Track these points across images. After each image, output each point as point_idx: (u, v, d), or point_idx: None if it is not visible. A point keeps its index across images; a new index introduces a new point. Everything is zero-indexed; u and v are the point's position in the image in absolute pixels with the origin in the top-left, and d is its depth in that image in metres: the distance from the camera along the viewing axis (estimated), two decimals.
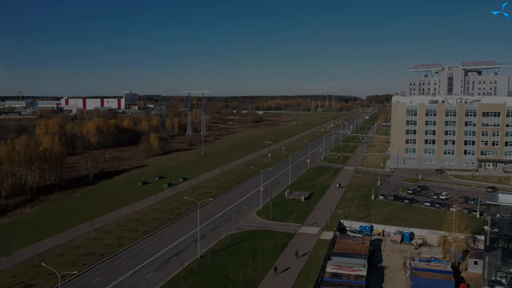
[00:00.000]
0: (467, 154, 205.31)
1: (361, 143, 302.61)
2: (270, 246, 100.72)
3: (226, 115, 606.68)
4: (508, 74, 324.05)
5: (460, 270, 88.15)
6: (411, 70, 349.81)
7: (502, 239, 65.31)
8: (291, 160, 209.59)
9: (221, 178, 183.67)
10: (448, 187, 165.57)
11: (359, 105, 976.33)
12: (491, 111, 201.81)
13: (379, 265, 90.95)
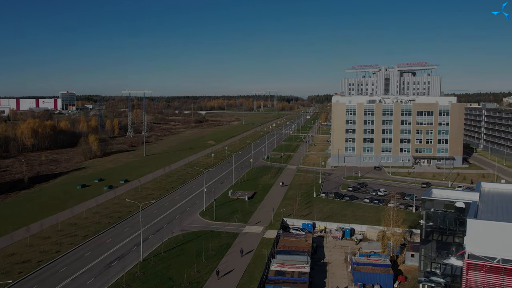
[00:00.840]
0: (403, 151, 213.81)
1: (303, 142, 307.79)
2: (214, 246, 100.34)
3: (168, 116, 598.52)
4: (440, 75, 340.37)
5: (398, 263, 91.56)
6: (350, 71, 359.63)
7: (436, 232, 68.40)
8: (234, 160, 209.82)
9: (164, 179, 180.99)
10: (386, 184, 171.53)
11: (300, 105, 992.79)
12: (425, 110, 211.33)
13: (321, 261, 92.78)
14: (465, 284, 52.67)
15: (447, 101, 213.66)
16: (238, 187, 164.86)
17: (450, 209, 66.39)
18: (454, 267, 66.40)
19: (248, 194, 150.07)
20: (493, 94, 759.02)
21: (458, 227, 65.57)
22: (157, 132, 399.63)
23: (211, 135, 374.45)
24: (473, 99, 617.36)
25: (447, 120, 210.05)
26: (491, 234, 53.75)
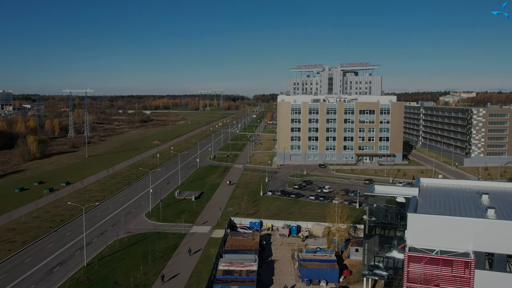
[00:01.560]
0: (347, 149, 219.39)
1: (249, 141, 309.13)
2: (161, 248, 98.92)
3: (112, 115, 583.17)
4: (381, 75, 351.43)
5: (343, 258, 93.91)
6: (294, 71, 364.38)
7: (379, 226, 70.70)
8: (180, 160, 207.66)
9: (108, 181, 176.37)
10: (330, 181, 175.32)
11: (246, 104, 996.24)
12: (367, 109, 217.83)
13: (269, 259, 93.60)
14: (407, 276, 54.76)
15: (388, 100, 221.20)
16: (185, 187, 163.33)
17: (391, 204, 68.78)
18: (396, 260, 68.86)
19: (195, 194, 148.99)
20: (431, 93, 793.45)
21: (399, 221, 68.03)
22: (100, 132, 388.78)
23: (157, 135, 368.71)
24: (412, 98, 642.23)
25: (388, 118, 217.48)
26: (429, 227, 56.18)
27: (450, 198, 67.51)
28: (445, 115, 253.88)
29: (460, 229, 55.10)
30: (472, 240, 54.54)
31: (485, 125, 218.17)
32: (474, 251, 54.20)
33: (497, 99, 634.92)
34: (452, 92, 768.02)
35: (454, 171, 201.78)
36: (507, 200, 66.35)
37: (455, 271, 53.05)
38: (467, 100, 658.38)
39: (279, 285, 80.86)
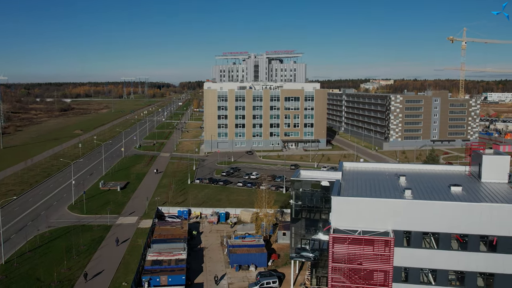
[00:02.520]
0: (273, 136, 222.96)
1: (176, 129, 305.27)
2: (86, 241, 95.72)
3: (28, 104, 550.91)
4: (305, 63, 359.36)
5: (271, 242, 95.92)
6: (220, 58, 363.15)
7: (305, 210, 72.79)
8: (104, 150, 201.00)
9: (26, 173, 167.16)
10: (257, 167, 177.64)
11: (172, 92, 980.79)
12: (292, 96, 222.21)
13: (198, 247, 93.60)
14: (332, 256, 56.95)
15: (312, 87, 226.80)
16: (110, 177, 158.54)
17: (316, 188, 70.95)
18: (321, 242, 71.35)
19: (120, 184, 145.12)
20: (352, 80, 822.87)
21: (324, 205, 70.41)
22: (16, 122, 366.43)
23: (78, 124, 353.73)
24: (334, 85, 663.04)
25: (312, 105, 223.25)
26: (352, 209, 58.68)
27: (371, 181, 70.78)
28: (366, 102, 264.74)
29: (380, 210, 58.03)
30: (391, 220, 57.64)
31: (402, 111, 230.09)
32: (393, 230, 57.34)
33: (413, 86, 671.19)
34: (372, 79, 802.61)
35: (374, 155, 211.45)
36: (422, 181, 70.65)
37: (377, 250, 55.87)
38: (386, 87, 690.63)
39: (209, 272, 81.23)
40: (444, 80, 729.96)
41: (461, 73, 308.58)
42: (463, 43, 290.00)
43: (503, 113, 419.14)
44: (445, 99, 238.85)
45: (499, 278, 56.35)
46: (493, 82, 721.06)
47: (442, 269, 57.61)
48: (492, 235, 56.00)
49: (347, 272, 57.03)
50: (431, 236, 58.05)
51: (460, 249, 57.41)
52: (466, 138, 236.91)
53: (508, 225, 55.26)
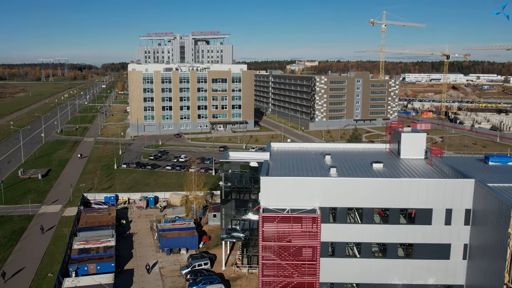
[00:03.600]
0: (201, 118, 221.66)
1: (99, 113, 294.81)
2: (6, 233, 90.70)
3: None
4: (232, 44, 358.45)
5: (202, 224, 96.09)
6: (144, 38, 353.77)
7: (234, 191, 73.46)
8: (22, 136, 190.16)
9: None
10: (186, 150, 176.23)
11: (94, 74, 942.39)
12: (219, 77, 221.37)
13: (127, 233, 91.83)
14: (262, 235, 58.10)
15: (239, 69, 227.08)
16: (29, 165, 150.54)
17: (245, 169, 71.71)
18: (251, 222, 72.51)
19: (41, 171, 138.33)
20: (278, 62, 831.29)
21: (254, 185, 71.39)
22: None
23: None
24: (261, 67, 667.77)
25: (240, 86, 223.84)
26: (281, 188, 60.00)
27: (298, 160, 72.58)
28: (292, 83, 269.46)
29: (307, 188, 59.78)
30: (318, 197, 59.61)
31: (326, 92, 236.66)
32: (320, 207, 59.38)
33: (336, 67, 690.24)
34: (297, 61, 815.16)
35: (301, 135, 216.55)
36: (346, 159, 73.48)
37: (305, 227, 57.68)
38: (311, 69, 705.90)
39: (139, 257, 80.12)
40: (365, 61, 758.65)
41: (381, 55, 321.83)
42: (383, 26, 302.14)
43: (420, 93, 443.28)
44: (366, 80, 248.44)
45: (417, 248, 60.25)
46: (410, 64, 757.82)
47: (366, 242, 60.61)
48: (410, 208, 59.55)
49: (276, 250, 58.48)
50: (355, 211, 60.74)
51: (382, 222, 60.61)
52: (386, 117, 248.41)
53: (425, 198, 58.96)
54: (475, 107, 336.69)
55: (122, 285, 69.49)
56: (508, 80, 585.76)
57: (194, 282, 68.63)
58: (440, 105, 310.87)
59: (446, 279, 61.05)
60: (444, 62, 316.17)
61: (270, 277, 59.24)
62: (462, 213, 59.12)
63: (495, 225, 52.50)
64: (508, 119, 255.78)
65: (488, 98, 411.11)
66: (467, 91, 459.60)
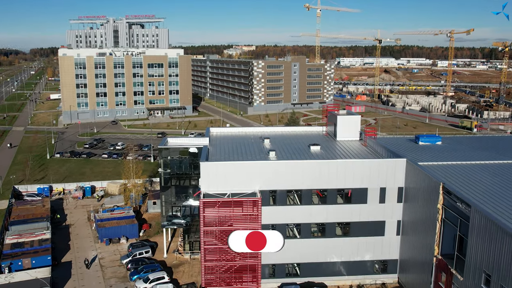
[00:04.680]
0: (138, 104, 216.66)
1: (29, 101, 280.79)
2: None
3: None
4: (168, 28, 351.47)
5: (141, 212, 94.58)
6: (75, 22, 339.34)
7: (174, 178, 72.75)
8: None
9: None
10: (123, 137, 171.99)
11: (22, 59, 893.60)
12: (155, 62, 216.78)
13: (63, 224, 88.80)
14: (203, 221, 58.12)
15: (175, 53, 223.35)
16: None
17: (185, 155, 71.13)
18: (192, 208, 72.25)
19: None
20: (216, 46, 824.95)
21: (193, 171, 71.01)
22: None
23: None
24: (198, 51, 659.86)
25: (177, 71, 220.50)
26: (221, 173, 60.12)
27: (237, 145, 72.92)
28: (229, 68, 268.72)
29: (247, 172, 60.28)
30: (258, 181, 60.30)
31: (264, 76, 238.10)
32: (260, 190, 60.14)
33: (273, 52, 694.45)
34: (234, 45, 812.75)
35: (239, 119, 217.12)
36: (285, 143, 74.66)
37: (245, 210, 58.27)
38: (248, 53, 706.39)
39: (77, 249, 77.84)
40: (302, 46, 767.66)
41: (316, 39, 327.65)
42: (318, 11, 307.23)
43: (354, 76, 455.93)
44: (303, 64, 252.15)
45: (354, 226, 62.60)
46: (345, 48, 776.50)
47: (306, 223, 62.21)
48: (347, 188, 61.60)
49: (218, 234, 58.78)
50: (295, 193, 62.04)
51: (321, 203, 62.33)
52: (322, 100, 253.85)
53: (360, 178, 61.15)
54: (406, 90, 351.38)
55: (60, 279, 67.33)
56: (436, 63, 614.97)
57: (136, 271, 67.70)
58: (373, 88, 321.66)
59: (381, 254, 63.99)
60: (376, 47, 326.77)
61: (212, 262, 59.59)
62: (395, 192, 61.94)
63: (426, 201, 55.41)
64: (436, 101, 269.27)
65: (417, 81, 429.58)
66: (398, 75, 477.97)
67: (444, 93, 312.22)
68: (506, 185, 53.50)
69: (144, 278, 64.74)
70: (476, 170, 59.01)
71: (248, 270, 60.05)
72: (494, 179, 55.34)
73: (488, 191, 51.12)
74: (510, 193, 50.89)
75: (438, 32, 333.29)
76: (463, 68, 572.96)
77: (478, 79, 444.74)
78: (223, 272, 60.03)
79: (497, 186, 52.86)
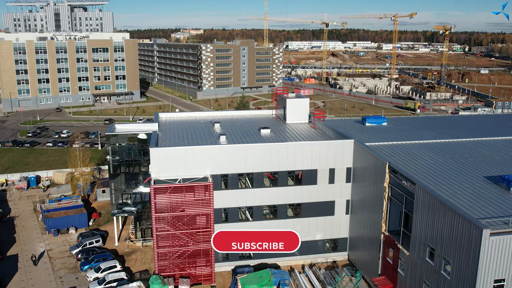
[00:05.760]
0: (83, 90, 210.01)
1: None
2: None
3: None
4: (112, 11, 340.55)
5: (90, 201, 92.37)
6: (12, 4, 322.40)
7: (123, 165, 71.31)
8: None
9: None
10: (68, 125, 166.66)
11: None
12: (100, 47, 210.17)
13: (8, 217, 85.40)
14: (154, 207, 57.48)
15: (121, 37, 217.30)
16: None
17: (133, 142, 69.82)
18: (143, 195, 71.25)
19: None
20: (162, 30, 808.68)
21: (143, 157, 69.91)
22: None
23: None
24: (145, 35, 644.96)
25: (123, 56, 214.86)
26: (171, 159, 59.47)
27: (188, 130, 72.29)
28: (177, 52, 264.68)
29: (198, 157, 59.95)
30: (209, 165, 60.13)
31: (213, 60, 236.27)
32: (212, 174, 60.04)
33: (222, 35, 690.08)
34: (182, 29, 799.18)
35: (189, 104, 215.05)
36: (235, 127, 74.67)
37: (197, 195, 58.08)
38: (196, 37, 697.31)
39: (24, 241, 75.19)
40: (250, 29, 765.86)
41: (265, 23, 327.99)
42: None
43: (302, 60, 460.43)
44: (251, 48, 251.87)
45: (305, 207, 63.81)
46: (293, 32, 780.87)
47: (258, 206, 62.80)
48: (297, 170, 62.56)
49: (170, 220, 58.39)
50: (246, 177, 62.40)
51: (272, 185, 63.05)
52: (272, 84, 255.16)
53: (309, 160, 62.22)
54: (353, 72, 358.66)
55: (6, 273, 64.94)
56: (381, 47, 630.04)
57: (86, 261, 66.31)
58: (321, 71, 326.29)
59: (332, 233, 65.71)
60: (324, 30, 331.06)
61: (165, 248, 59.22)
62: (344, 172, 63.51)
63: (373, 180, 57.18)
64: (381, 83, 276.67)
65: (363, 64, 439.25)
66: (345, 58, 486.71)
67: (389, 76, 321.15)
68: (448, 163, 56.06)
69: (95, 268, 63.57)
70: (420, 149, 61.41)
71: (202, 255, 60.15)
72: (437, 158, 57.83)
73: (431, 169, 53.39)
74: (451, 170, 53.39)
75: (383, 16, 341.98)
76: (407, 51, 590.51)
77: (421, 61, 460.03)
78: (177, 258, 59.84)
79: (439, 164, 55.29)
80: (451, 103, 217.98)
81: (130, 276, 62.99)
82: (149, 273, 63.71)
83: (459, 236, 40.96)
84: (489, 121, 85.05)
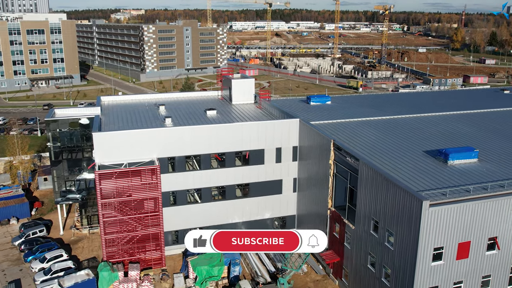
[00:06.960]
0: (18, 74, 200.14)
1: None
2: None
3: None
4: None
5: (32, 190, 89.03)
6: None
7: (65, 151, 69.02)
8: None
9: None
10: (4, 111, 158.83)
11: None
12: (35, 28, 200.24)
13: None
14: (100, 193, 56.15)
15: (58, 19, 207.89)
16: None
17: (75, 127, 67.64)
18: (88, 181, 69.40)
19: None
20: (102, 10, 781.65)
21: (86, 143, 67.95)
22: None
23: None
24: (83, 16, 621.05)
25: (60, 38, 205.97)
26: (116, 143, 58.08)
27: (132, 113, 70.72)
28: (118, 33, 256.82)
29: (143, 140, 58.90)
30: (155, 149, 59.25)
31: (156, 41, 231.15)
32: (158, 158, 59.25)
33: (164, 16, 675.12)
34: (122, 9, 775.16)
35: (132, 87, 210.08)
36: (180, 109, 73.75)
37: (144, 179, 57.21)
38: (138, 18, 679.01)
39: None
40: (193, 10, 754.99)
41: (208, 3, 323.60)
42: None
43: (247, 40, 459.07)
44: (195, 29, 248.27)
45: (253, 186, 64.40)
46: (236, 12, 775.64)
47: (206, 187, 62.75)
48: (244, 150, 62.87)
49: (117, 206, 57.34)
50: (193, 159, 62.08)
51: (220, 166, 63.09)
52: (216, 65, 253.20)
53: (256, 140, 62.65)
54: (297, 52, 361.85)
55: None
56: (324, 27, 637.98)
57: (30, 252, 64.10)
58: (265, 52, 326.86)
59: (280, 211, 66.83)
60: (267, 10, 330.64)
61: (113, 234, 58.23)
62: (290, 151, 64.45)
63: (318, 158, 58.42)
64: (325, 63, 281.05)
65: (307, 44, 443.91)
66: (289, 38, 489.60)
67: (332, 55, 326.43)
68: (389, 139, 58.12)
69: (40, 258, 61.63)
70: (363, 126, 63.21)
71: (151, 239, 59.62)
72: (379, 134, 59.77)
73: (373, 145, 55.17)
74: (393, 146, 55.42)
75: None
76: (349, 31, 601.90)
77: (362, 41, 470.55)
78: (125, 244, 58.99)
79: (381, 140, 57.22)
80: (391, 81, 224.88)
81: (77, 265, 61.62)
82: (98, 261, 62.55)
83: (401, 208, 42.78)
84: (427, 98, 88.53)
